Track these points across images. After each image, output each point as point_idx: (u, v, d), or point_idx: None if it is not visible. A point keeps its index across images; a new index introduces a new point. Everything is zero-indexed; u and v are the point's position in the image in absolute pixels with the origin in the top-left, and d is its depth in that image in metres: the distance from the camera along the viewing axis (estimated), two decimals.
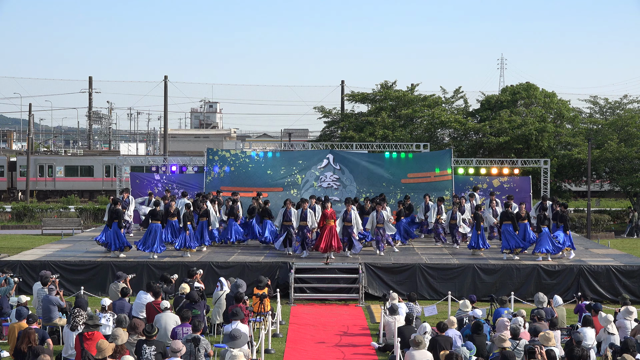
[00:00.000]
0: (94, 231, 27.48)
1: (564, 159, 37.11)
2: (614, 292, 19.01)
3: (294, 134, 75.48)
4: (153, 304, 13.94)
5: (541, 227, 20.43)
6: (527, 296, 18.57)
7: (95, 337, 11.04)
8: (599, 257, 21.17)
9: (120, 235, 20.22)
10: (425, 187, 26.30)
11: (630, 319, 13.64)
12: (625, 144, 36.48)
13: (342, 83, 53.64)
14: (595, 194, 47.00)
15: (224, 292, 15.50)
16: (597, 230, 34.85)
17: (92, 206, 41.45)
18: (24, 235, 34.87)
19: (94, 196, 52.14)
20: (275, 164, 26.99)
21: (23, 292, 17.08)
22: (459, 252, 21.87)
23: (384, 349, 14.48)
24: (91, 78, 72.53)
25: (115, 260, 19.81)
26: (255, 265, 19.62)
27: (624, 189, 38.20)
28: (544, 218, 20.53)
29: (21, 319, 12.82)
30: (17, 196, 53.50)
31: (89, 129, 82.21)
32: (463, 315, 14.23)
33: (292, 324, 16.72)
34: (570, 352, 11.07)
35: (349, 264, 19.69)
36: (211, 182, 26.59)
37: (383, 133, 39.26)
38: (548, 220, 20.63)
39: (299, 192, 25.95)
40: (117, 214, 20.32)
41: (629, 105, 42.78)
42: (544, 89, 40.48)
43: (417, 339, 11.41)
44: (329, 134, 45.38)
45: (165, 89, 51.77)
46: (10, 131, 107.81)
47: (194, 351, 10.98)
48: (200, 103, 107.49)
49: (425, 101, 42.15)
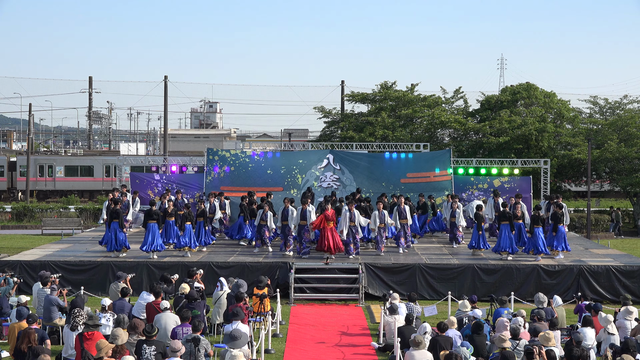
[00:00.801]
0: (94, 231, 27.49)
1: (564, 159, 37.12)
2: (614, 292, 19.02)
3: (294, 134, 75.49)
4: (153, 304, 13.94)
5: (534, 228, 20.46)
6: (527, 296, 18.56)
7: (95, 337, 11.03)
8: (599, 257, 21.17)
9: (119, 235, 20.23)
10: (424, 187, 26.32)
11: (630, 319, 13.64)
12: (625, 144, 36.48)
13: (342, 83, 53.68)
14: (595, 194, 46.98)
15: (224, 292, 15.51)
16: (597, 230, 34.84)
17: (92, 206, 41.46)
18: (24, 235, 34.87)
19: (94, 196, 52.15)
20: (276, 163, 26.98)
21: (23, 292, 17.08)
22: (459, 252, 21.87)
23: (384, 349, 14.48)
24: (91, 78, 72.61)
25: (115, 260, 19.81)
26: (255, 265, 19.62)
27: (624, 189, 38.19)
28: (537, 218, 20.56)
29: (21, 319, 12.82)
30: (17, 196, 53.51)
31: (89, 129, 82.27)
32: (463, 315, 14.24)
33: (292, 324, 16.72)
34: (570, 352, 11.07)
35: (349, 264, 19.69)
36: (211, 182, 26.59)
37: (383, 133, 39.26)
38: (542, 220, 20.64)
39: (299, 192, 25.94)
40: (117, 214, 20.34)
41: (629, 105, 42.76)
42: (544, 89, 40.52)
43: (417, 339, 11.41)
44: (329, 134, 45.40)
45: (165, 89, 51.79)
46: (10, 131, 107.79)
47: (194, 351, 10.98)
48: (200, 103, 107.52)
49: (425, 101, 42.16)
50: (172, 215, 21.14)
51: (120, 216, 20.42)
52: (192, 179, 27.77)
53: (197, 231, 21.19)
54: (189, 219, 20.77)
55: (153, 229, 20.11)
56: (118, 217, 20.28)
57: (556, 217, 20.76)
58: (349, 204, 20.58)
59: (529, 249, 20.44)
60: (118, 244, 20.19)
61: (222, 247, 22.64)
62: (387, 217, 21.09)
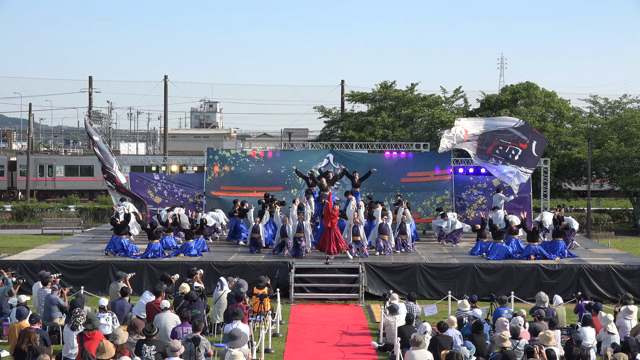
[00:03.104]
0: (94, 231, 27.51)
1: (564, 159, 37.10)
2: (614, 292, 19.01)
3: (294, 133, 75.50)
4: (153, 304, 13.95)
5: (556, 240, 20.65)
6: (527, 296, 18.57)
7: (96, 337, 11.03)
8: (599, 256, 21.16)
9: (120, 242, 20.53)
10: (425, 186, 26.29)
11: (630, 319, 13.65)
12: (625, 144, 36.48)
13: (342, 83, 53.65)
14: (595, 194, 46.99)
15: (224, 292, 15.51)
16: (597, 229, 34.84)
17: (92, 206, 41.46)
18: (24, 235, 34.88)
19: (94, 196, 52.14)
20: (276, 163, 26.95)
21: (23, 292, 17.06)
22: (459, 251, 21.86)
23: (384, 349, 14.49)
24: (91, 78, 72.44)
25: (115, 260, 19.81)
26: (255, 265, 19.62)
27: (624, 189, 38.21)
28: (536, 232, 20.61)
29: (21, 319, 12.83)
30: (17, 196, 53.51)
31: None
32: (463, 315, 14.24)
33: (292, 323, 16.72)
34: (570, 351, 11.08)
35: (349, 264, 19.68)
36: (211, 182, 26.57)
37: (383, 133, 39.26)
38: (538, 235, 20.66)
39: (299, 191, 25.93)
40: (122, 228, 21.11)
41: (628, 104, 42.77)
42: (544, 89, 40.49)
43: (417, 338, 11.41)
44: (329, 133, 45.41)
45: (165, 89, 51.78)
46: (10, 131, 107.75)
47: (194, 351, 10.98)
48: (200, 103, 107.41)
49: (425, 101, 42.17)
50: (171, 231, 21.71)
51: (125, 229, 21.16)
52: (192, 178, 27.75)
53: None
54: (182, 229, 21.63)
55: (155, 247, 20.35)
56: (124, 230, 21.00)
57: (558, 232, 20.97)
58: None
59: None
60: (120, 248, 20.59)
61: (222, 247, 22.63)
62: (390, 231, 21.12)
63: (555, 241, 20.76)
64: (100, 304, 13.87)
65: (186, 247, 20.55)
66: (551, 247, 20.65)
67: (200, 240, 21.10)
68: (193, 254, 20.34)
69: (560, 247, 20.58)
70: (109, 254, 20.43)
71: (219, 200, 25.98)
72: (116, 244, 20.57)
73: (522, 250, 20.47)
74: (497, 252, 20.24)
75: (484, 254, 20.67)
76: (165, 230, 21.55)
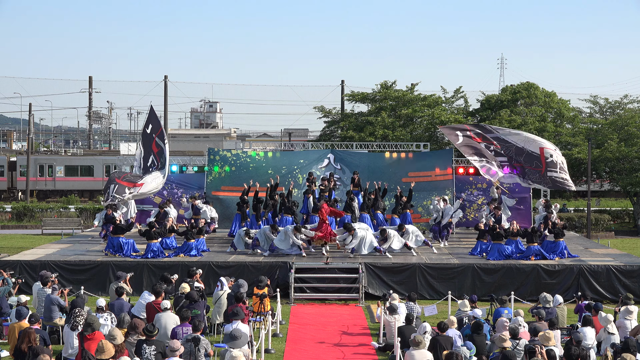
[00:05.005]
0: (94, 231, 27.46)
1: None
2: (614, 292, 19.00)
3: (294, 133, 75.50)
4: (153, 304, 13.95)
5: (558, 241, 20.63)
6: (527, 296, 18.57)
7: (96, 337, 11.03)
8: (599, 256, 21.15)
9: (118, 241, 20.48)
10: (425, 186, 26.30)
11: (630, 319, 13.64)
12: (625, 144, 36.47)
13: (342, 83, 53.69)
14: (595, 194, 46.98)
15: (224, 292, 15.51)
16: (597, 230, 34.82)
17: (92, 206, 41.44)
18: (24, 235, 34.88)
19: (94, 196, 52.11)
20: (276, 163, 26.97)
21: (23, 292, 17.07)
22: (459, 252, 21.84)
23: (384, 349, 14.48)
24: (91, 78, 72.59)
25: (115, 260, 19.81)
26: (255, 265, 19.61)
27: (624, 189, 38.19)
28: (532, 233, 20.62)
29: (21, 319, 12.83)
30: (17, 196, 53.51)
31: (89, 129, 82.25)
32: (463, 315, 14.24)
33: (292, 323, 16.72)
34: (570, 351, 11.07)
35: (349, 264, 19.68)
36: (212, 182, 26.58)
37: (383, 133, 39.26)
38: (537, 237, 20.64)
39: (299, 191, 25.93)
40: (121, 229, 21.10)
41: (629, 105, 42.79)
42: (544, 89, 40.52)
43: (417, 338, 11.41)
44: (329, 133, 45.42)
45: (165, 89, 51.84)
46: (10, 131, 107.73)
47: (194, 351, 10.98)
48: (200, 103, 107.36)
49: (425, 101, 42.17)
50: (171, 232, 21.67)
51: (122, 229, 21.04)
52: (192, 179, 27.76)
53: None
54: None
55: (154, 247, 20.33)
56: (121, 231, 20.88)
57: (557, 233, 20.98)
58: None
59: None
60: (117, 248, 20.57)
61: (222, 246, 22.62)
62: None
63: (556, 241, 20.77)
64: (98, 304, 13.85)
65: (186, 247, 20.55)
66: (552, 247, 20.65)
67: (201, 240, 21.10)
68: (193, 254, 20.35)
69: (560, 247, 20.59)
70: (108, 254, 20.44)
71: (220, 200, 25.99)
72: (114, 244, 20.51)
73: (523, 251, 20.48)
74: (497, 252, 20.24)
75: (484, 254, 20.67)
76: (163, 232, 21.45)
